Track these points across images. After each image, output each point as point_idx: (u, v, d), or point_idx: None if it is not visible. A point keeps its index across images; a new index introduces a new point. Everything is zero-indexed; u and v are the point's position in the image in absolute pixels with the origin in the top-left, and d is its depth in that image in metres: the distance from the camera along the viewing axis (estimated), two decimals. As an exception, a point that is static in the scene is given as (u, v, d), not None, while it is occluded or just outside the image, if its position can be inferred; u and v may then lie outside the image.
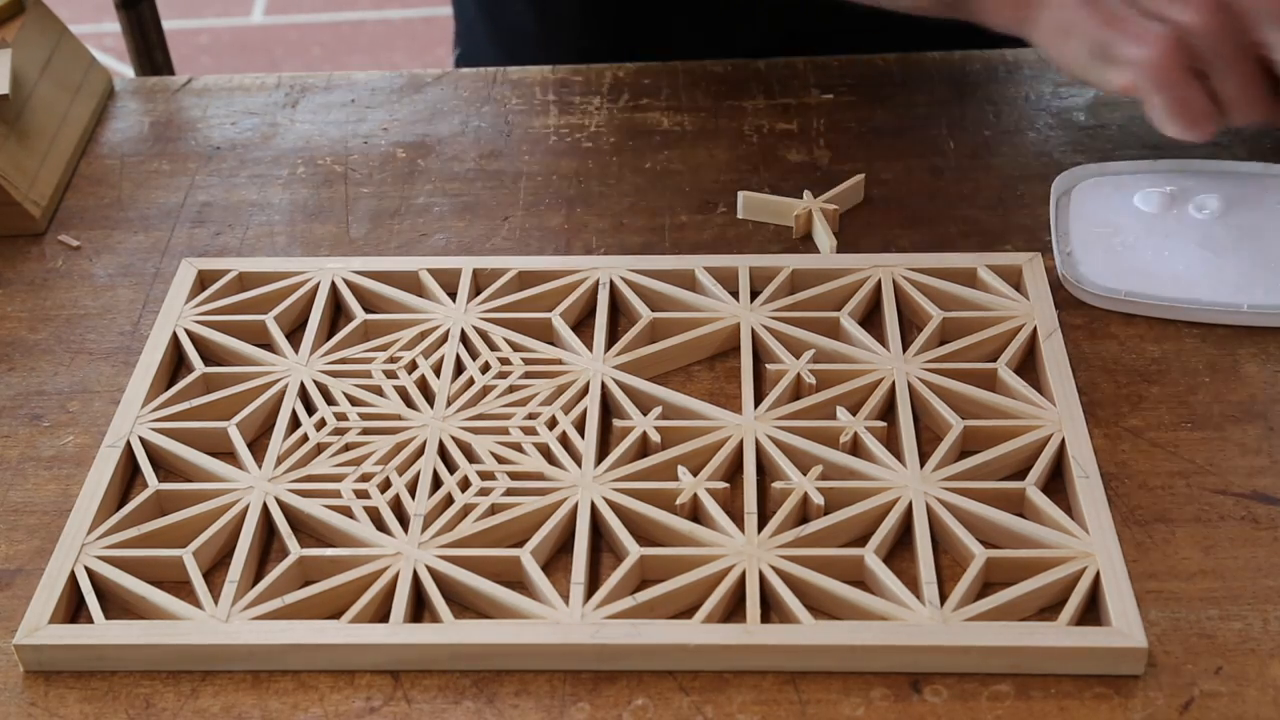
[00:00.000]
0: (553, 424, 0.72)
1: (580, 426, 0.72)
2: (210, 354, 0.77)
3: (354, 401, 0.74)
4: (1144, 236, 0.80)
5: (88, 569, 0.66)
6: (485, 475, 0.69)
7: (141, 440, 0.72)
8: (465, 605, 0.65)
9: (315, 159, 0.93)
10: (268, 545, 0.69)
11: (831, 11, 0.90)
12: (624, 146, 0.92)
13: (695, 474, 0.69)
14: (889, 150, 0.89)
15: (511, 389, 0.74)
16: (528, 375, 0.74)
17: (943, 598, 0.63)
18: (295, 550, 0.66)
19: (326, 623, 0.64)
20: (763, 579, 0.64)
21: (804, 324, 0.76)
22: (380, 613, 0.64)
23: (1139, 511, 0.68)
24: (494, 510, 0.68)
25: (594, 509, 0.68)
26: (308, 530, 0.69)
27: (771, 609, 0.64)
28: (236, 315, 0.79)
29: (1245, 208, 0.81)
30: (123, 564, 0.66)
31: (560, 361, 0.75)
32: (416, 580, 0.65)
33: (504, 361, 0.75)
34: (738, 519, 0.67)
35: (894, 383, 0.73)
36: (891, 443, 0.70)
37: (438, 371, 0.75)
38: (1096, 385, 0.74)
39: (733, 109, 0.94)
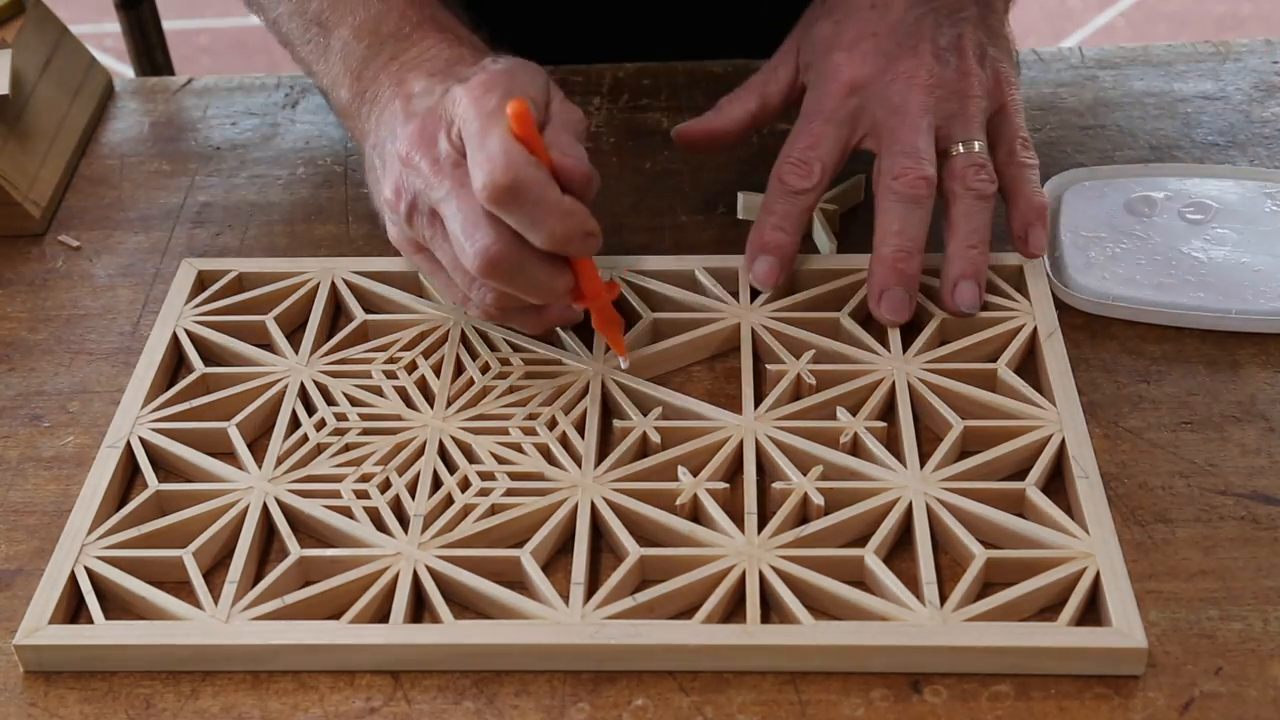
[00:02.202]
0: (553, 424, 0.72)
1: (580, 427, 0.72)
2: (210, 354, 0.77)
3: (354, 402, 0.74)
4: (1133, 241, 0.80)
5: (88, 569, 0.66)
6: (485, 475, 0.69)
7: (141, 440, 0.72)
8: (465, 605, 0.65)
9: (315, 159, 0.93)
10: (268, 545, 0.69)
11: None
12: (624, 146, 0.92)
13: (695, 474, 0.69)
14: (889, 150, 0.89)
15: (511, 389, 0.74)
16: (528, 375, 0.74)
17: (943, 598, 0.63)
18: (295, 550, 0.66)
19: (326, 623, 0.64)
20: (763, 579, 0.64)
21: (804, 324, 0.76)
22: (380, 613, 0.64)
23: (1139, 511, 0.68)
24: (494, 510, 0.68)
25: (594, 509, 0.68)
26: (308, 530, 0.69)
27: (771, 609, 0.64)
28: (236, 316, 0.79)
29: (1235, 213, 0.81)
30: (123, 564, 0.66)
31: (560, 362, 0.75)
32: (416, 580, 0.65)
33: (504, 362, 0.75)
34: (738, 519, 0.67)
35: (894, 383, 0.73)
36: (891, 443, 0.70)
37: (438, 372, 0.75)
38: (1096, 385, 0.74)
39: (733, 109, 0.94)
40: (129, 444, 0.72)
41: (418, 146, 0.68)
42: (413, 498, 0.68)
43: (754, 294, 0.78)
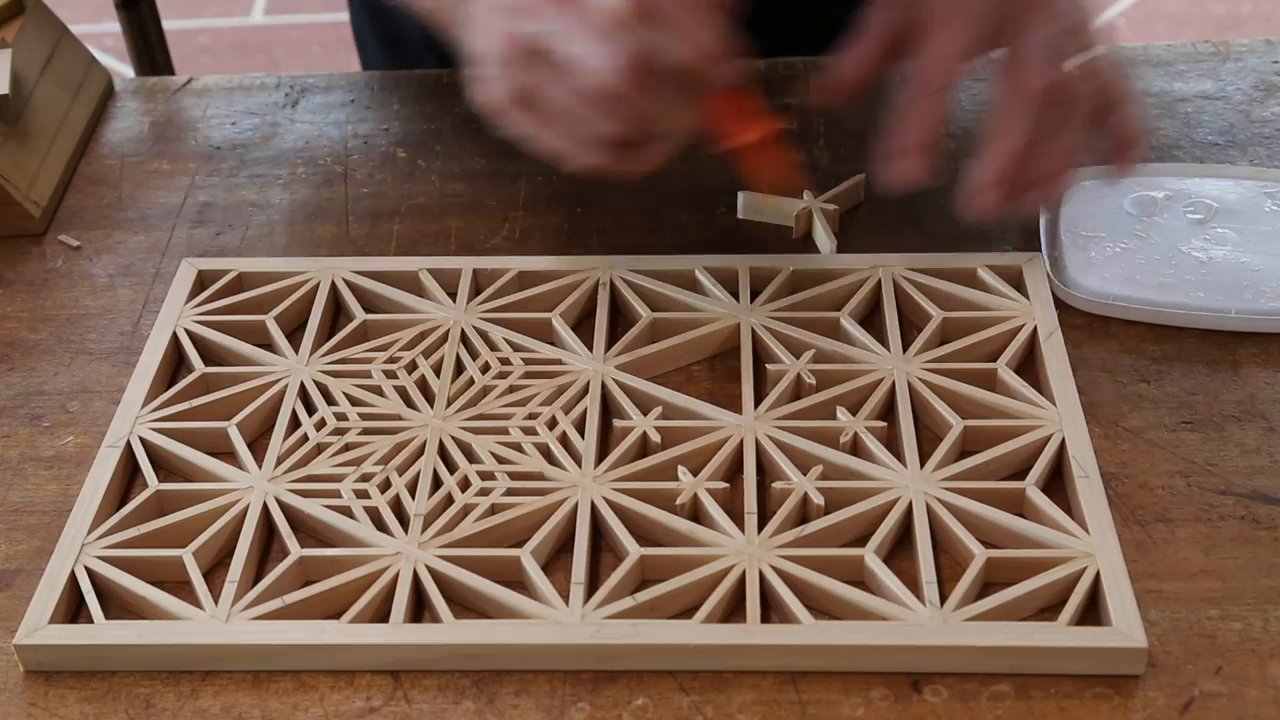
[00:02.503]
0: (553, 424, 0.72)
1: (580, 426, 0.72)
2: (210, 354, 0.77)
3: (354, 401, 0.74)
4: (1134, 240, 0.80)
5: (88, 569, 0.66)
6: (485, 475, 0.69)
7: (141, 440, 0.72)
8: (465, 605, 0.65)
9: (315, 159, 0.93)
10: (268, 545, 0.69)
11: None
12: (624, 146, 0.92)
13: (695, 474, 0.69)
14: (889, 150, 0.89)
15: (511, 389, 0.74)
16: (528, 375, 0.74)
17: (943, 598, 0.63)
18: (295, 550, 0.66)
19: (326, 623, 0.64)
20: (763, 579, 0.64)
21: (804, 324, 0.76)
22: (380, 613, 0.64)
23: (1139, 511, 0.68)
24: (494, 510, 0.68)
25: (594, 509, 0.68)
26: (308, 530, 0.69)
27: (771, 609, 0.64)
28: (236, 315, 0.79)
29: (1236, 212, 0.81)
30: (123, 564, 0.66)
31: (560, 361, 0.75)
32: (416, 580, 0.65)
33: (504, 361, 0.75)
34: (738, 519, 0.67)
35: (894, 383, 0.73)
36: (891, 443, 0.70)
37: (438, 371, 0.75)
38: (1096, 385, 0.74)
39: (733, 109, 0.94)
40: (129, 444, 0.72)
41: None
42: (413, 497, 0.68)
43: (754, 294, 0.78)
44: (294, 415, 0.73)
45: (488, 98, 0.70)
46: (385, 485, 0.69)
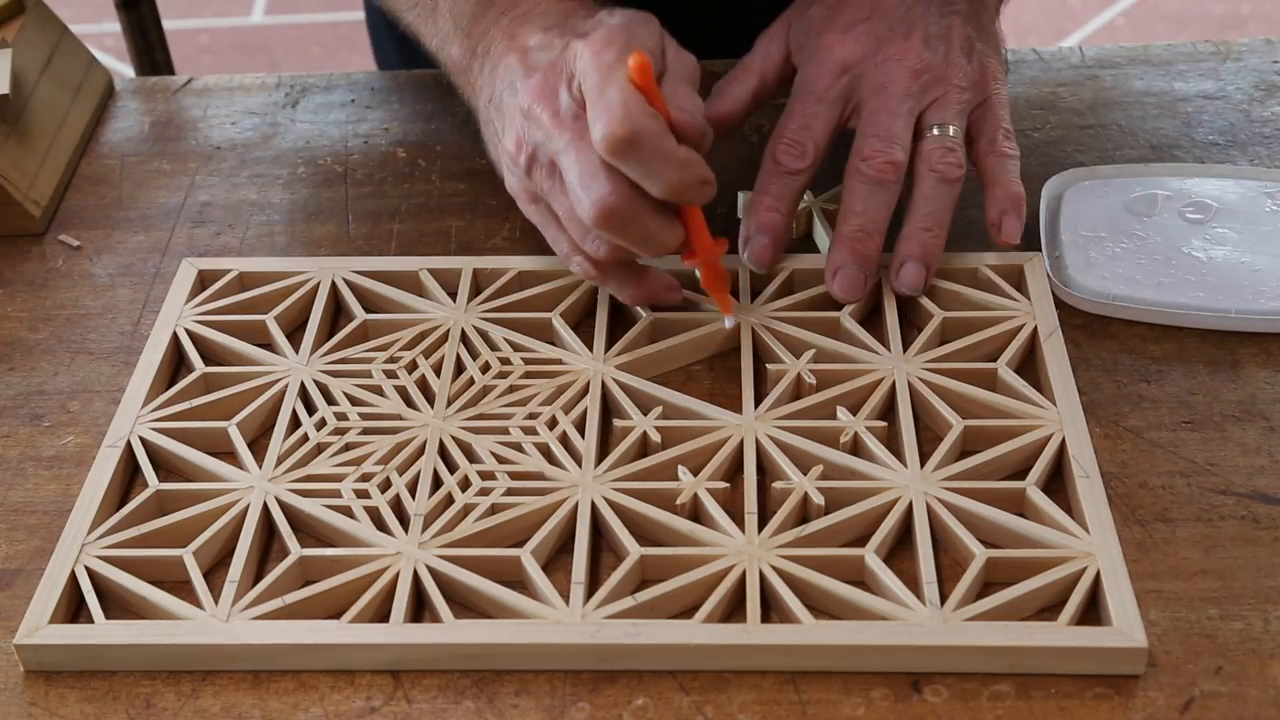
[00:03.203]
0: (553, 424, 0.72)
1: (580, 426, 0.72)
2: (210, 354, 0.77)
3: (354, 401, 0.74)
4: (1134, 240, 0.80)
5: (88, 569, 0.66)
6: (485, 475, 0.69)
7: (142, 440, 0.72)
8: (465, 605, 0.65)
9: (315, 159, 0.93)
10: (268, 545, 0.69)
11: None
12: (624, 146, 0.92)
13: (695, 474, 0.69)
14: (889, 150, 0.89)
15: (511, 389, 0.74)
16: (528, 375, 0.74)
17: (943, 598, 0.63)
18: (295, 550, 0.66)
19: (326, 623, 0.64)
20: (763, 579, 0.64)
21: (804, 324, 0.76)
22: (380, 613, 0.64)
23: (1139, 511, 0.68)
24: (494, 510, 0.68)
25: (594, 509, 0.68)
26: (308, 530, 0.69)
27: (771, 609, 0.64)
28: (236, 315, 0.79)
29: (1236, 213, 0.81)
30: (123, 564, 0.66)
31: (560, 361, 0.75)
32: (417, 580, 0.65)
33: (504, 361, 0.75)
34: (738, 519, 0.67)
35: (894, 383, 0.73)
36: (891, 443, 0.70)
37: (438, 371, 0.75)
38: (1096, 385, 0.74)
39: (733, 109, 0.94)
40: (129, 443, 0.72)
41: (539, 99, 0.69)
42: (413, 497, 0.68)
43: (754, 294, 0.78)
44: (294, 415, 0.73)
45: (507, 184, 0.75)
46: (385, 485, 0.69)
